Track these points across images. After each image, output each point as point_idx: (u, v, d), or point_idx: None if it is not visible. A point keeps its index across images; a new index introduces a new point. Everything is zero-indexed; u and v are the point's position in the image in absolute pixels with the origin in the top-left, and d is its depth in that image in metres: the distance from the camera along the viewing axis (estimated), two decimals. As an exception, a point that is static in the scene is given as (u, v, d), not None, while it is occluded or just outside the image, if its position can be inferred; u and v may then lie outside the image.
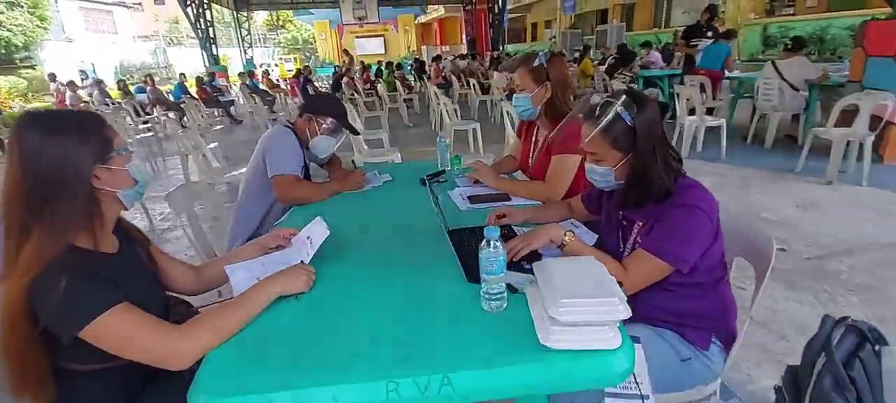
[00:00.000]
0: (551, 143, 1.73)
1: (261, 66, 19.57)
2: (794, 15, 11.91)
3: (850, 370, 0.83)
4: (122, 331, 0.87)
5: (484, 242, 0.94)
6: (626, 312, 0.82)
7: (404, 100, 8.49)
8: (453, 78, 9.51)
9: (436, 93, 7.00)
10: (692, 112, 4.85)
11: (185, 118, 8.99)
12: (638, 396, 0.93)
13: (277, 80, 15.33)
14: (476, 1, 19.08)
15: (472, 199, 1.71)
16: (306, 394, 0.79)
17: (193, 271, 1.27)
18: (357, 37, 27.67)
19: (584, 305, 0.82)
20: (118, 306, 0.87)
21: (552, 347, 0.83)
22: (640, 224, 1.16)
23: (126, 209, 1.05)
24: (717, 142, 4.77)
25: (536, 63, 1.72)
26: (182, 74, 10.37)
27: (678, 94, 4.95)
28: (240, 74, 11.95)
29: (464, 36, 21.40)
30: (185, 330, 0.91)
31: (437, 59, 11.43)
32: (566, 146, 1.67)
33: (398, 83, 9.53)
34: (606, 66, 8.29)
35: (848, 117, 4.01)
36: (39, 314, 0.85)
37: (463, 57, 13.89)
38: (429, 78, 10.84)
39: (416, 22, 29.60)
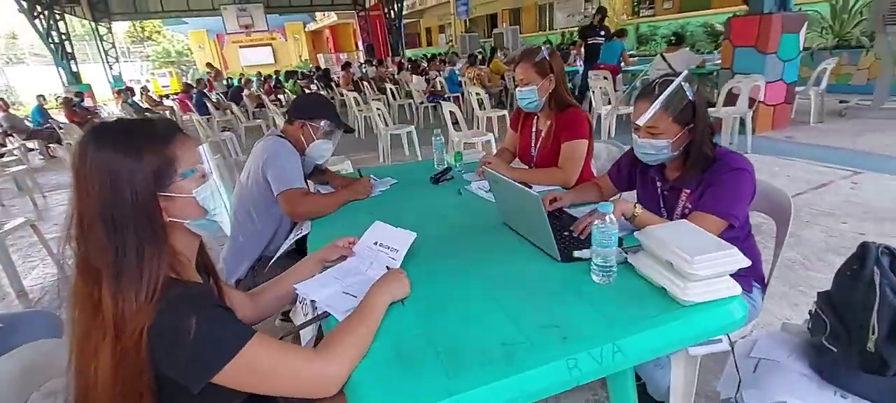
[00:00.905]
0: (560, 131, 1.84)
1: (130, 82, 17.31)
2: (654, 15, 13.73)
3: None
4: (263, 364, 0.76)
5: (599, 218, 1.00)
6: (745, 261, 0.93)
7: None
8: (364, 84, 9.37)
9: (356, 100, 6.87)
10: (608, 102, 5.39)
11: (52, 146, 7.70)
12: (725, 343, 1.04)
13: (158, 97, 13.74)
14: (369, 7, 18.97)
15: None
16: (489, 391, 0.78)
17: (250, 299, 1.14)
18: (242, 46, 25.91)
19: (713, 259, 0.92)
20: (254, 337, 0.77)
21: (692, 301, 0.92)
22: (688, 191, 1.31)
23: (200, 238, 0.91)
24: (626, 129, 5.35)
25: (539, 57, 1.81)
26: (40, 96, 8.83)
27: (592, 88, 5.46)
28: (120, 92, 10.52)
29: (360, 42, 21.13)
30: (327, 352, 0.82)
31: (347, 66, 11.16)
32: (575, 132, 1.79)
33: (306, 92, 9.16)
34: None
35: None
36: (161, 364, 0.72)
37: (369, 62, 13.74)
38: (337, 85, 10.55)
39: (306, 30, 28.52)
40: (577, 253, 1.13)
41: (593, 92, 5.46)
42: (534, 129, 1.99)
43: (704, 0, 12.85)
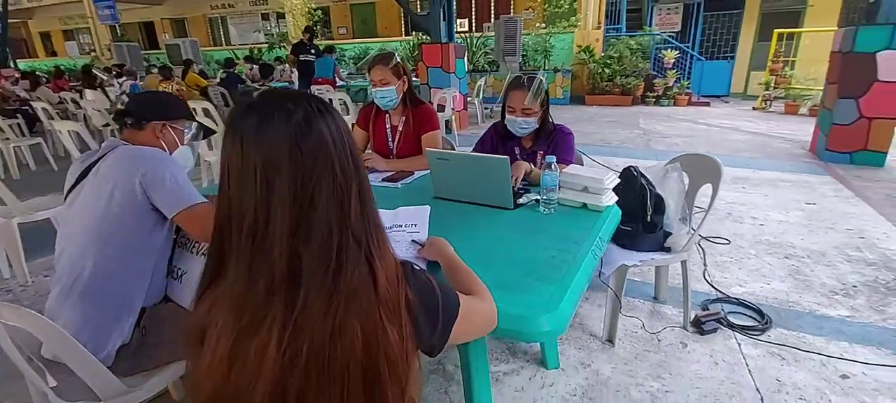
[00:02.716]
0: (418, 125, 2.19)
1: None
2: (333, 40, 15.09)
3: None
4: (470, 310, 0.81)
5: (547, 168, 1.48)
6: (616, 179, 1.61)
7: None
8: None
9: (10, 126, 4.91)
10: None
11: None
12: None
13: None
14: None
15: (388, 180, 1.97)
16: (560, 289, 1.14)
17: None
18: None
19: (608, 177, 1.55)
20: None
21: (607, 205, 1.52)
22: (541, 152, 1.94)
23: None
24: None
25: (394, 62, 2.11)
26: None
27: (330, 99, 5.82)
28: None
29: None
30: (481, 293, 0.91)
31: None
32: (432, 124, 2.19)
33: None
34: (219, 79, 8.11)
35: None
36: (423, 333, 0.71)
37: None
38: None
39: None
40: (521, 200, 1.58)
41: (332, 102, 5.83)
42: (388, 126, 2.27)
43: (372, 29, 15.11)
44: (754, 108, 9.06)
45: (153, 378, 1.28)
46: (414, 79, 7.69)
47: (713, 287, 2.46)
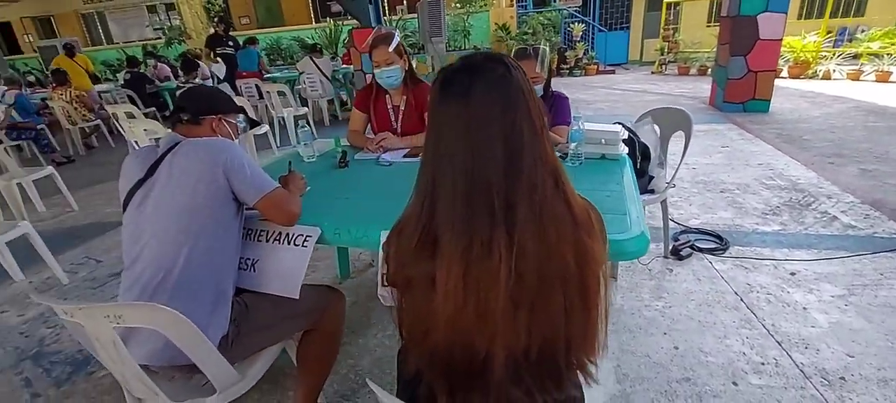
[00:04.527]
0: (420, 103, 2.27)
1: None
2: (235, 31, 14.10)
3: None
4: None
5: (576, 124, 1.68)
6: (624, 133, 1.86)
7: None
8: None
9: None
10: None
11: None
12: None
13: None
14: None
15: (409, 155, 2.07)
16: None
17: None
18: None
19: (621, 131, 1.79)
20: None
21: (622, 153, 1.76)
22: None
23: None
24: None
25: (396, 42, 2.17)
26: None
27: (268, 92, 5.57)
28: None
29: None
30: None
31: None
32: (434, 101, 2.29)
33: None
34: (122, 81, 7.30)
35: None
36: None
37: None
38: None
39: None
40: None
41: (268, 94, 5.58)
42: (389, 106, 2.32)
43: (278, 18, 14.34)
44: (653, 73, 10.15)
45: (256, 364, 1.30)
46: (347, 66, 7.60)
47: (676, 222, 2.88)
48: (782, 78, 7.86)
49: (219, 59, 7.12)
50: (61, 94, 6.12)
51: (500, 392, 0.79)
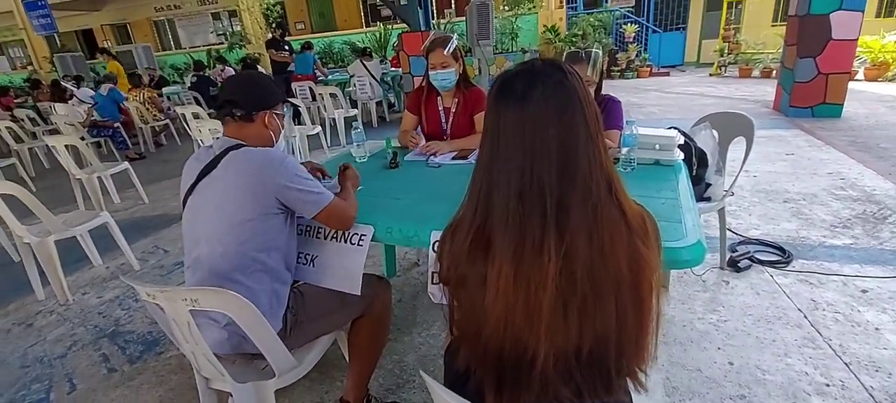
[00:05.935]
0: (471, 106, 2.31)
1: None
2: (291, 35, 14.72)
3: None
4: None
5: (628, 130, 1.65)
6: (680, 138, 1.80)
7: None
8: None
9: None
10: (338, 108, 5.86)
11: None
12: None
13: None
14: None
15: (458, 158, 2.10)
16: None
17: None
18: None
19: (677, 136, 1.74)
20: None
21: (677, 160, 1.71)
22: (595, 121, 2.12)
23: None
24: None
25: (452, 46, 2.21)
26: None
27: (320, 94, 5.80)
28: None
29: None
30: None
31: None
32: (484, 104, 2.31)
33: None
34: (189, 84, 7.84)
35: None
36: None
37: None
38: None
39: None
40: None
41: (321, 97, 5.81)
42: (440, 108, 2.37)
43: (331, 23, 14.84)
44: (711, 75, 9.68)
45: (312, 351, 1.37)
46: (396, 69, 7.77)
47: (734, 232, 2.74)
48: (857, 81, 7.29)
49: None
50: (136, 95, 6.65)
51: (550, 389, 0.80)
